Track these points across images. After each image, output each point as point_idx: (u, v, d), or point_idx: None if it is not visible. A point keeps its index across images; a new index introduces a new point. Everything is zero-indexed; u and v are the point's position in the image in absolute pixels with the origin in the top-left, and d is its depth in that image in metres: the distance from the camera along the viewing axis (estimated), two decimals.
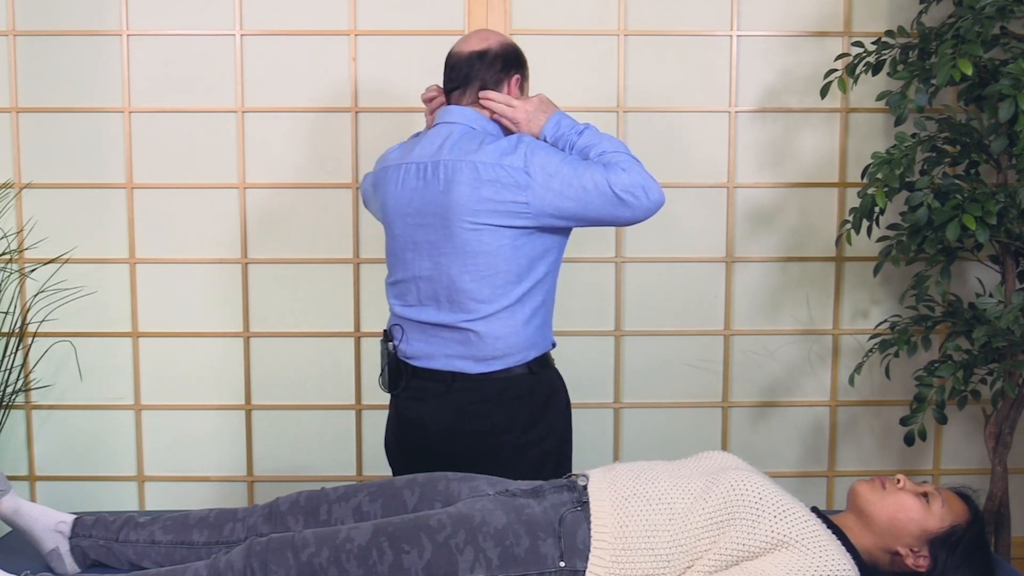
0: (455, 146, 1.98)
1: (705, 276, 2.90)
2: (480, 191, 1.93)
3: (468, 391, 2.02)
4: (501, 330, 1.99)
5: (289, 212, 2.85)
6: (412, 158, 2.05)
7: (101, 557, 1.87)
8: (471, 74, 2.04)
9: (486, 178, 1.93)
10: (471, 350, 2.00)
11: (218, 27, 2.79)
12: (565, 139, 2.00)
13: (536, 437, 2.05)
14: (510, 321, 1.99)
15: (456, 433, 2.04)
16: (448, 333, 2.02)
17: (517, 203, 1.92)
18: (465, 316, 1.99)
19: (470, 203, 1.94)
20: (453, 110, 2.05)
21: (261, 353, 2.90)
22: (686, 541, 1.64)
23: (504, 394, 2.01)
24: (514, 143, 1.96)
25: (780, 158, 2.87)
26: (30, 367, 2.87)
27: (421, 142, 2.06)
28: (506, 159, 1.93)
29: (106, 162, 2.83)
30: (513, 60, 2.06)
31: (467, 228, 1.95)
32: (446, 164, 1.97)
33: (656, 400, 2.94)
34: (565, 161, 1.94)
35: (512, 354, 2.00)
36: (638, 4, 2.81)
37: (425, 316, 2.04)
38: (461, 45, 2.07)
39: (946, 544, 1.72)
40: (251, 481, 2.95)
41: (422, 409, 2.07)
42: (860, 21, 2.82)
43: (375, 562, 1.63)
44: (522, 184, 1.92)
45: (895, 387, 2.91)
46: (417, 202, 2.02)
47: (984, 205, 2.27)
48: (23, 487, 2.92)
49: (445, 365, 2.03)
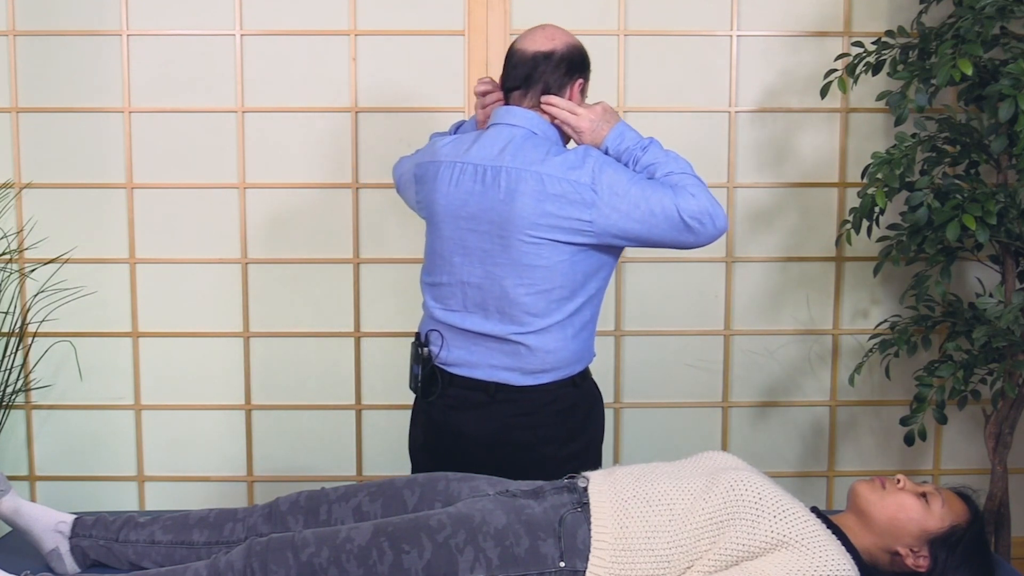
0: (518, 152, 1.90)
1: (705, 276, 2.90)
2: (544, 205, 1.86)
3: (512, 403, 1.97)
4: (552, 344, 1.94)
5: (289, 212, 2.85)
6: (469, 158, 1.95)
7: (101, 557, 1.87)
8: (534, 75, 1.95)
9: (552, 192, 1.85)
10: (519, 362, 1.95)
11: (218, 27, 2.79)
12: (630, 153, 1.92)
13: (577, 449, 2.02)
14: (560, 335, 1.95)
15: (498, 443, 1.99)
16: (495, 344, 1.96)
17: (581, 220, 1.86)
18: (517, 328, 1.93)
19: (532, 216, 1.86)
20: (515, 111, 1.96)
21: (261, 353, 2.90)
22: (686, 541, 1.64)
23: (549, 407, 1.98)
24: (581, 156, 1.88)
25: (780, 158, 2.87)
26: (30, 367, 2.87)
27: (479, 141, 1.97)
28: (573, 173, 1.85)
29: (106, 162, 2.83)
30: (579, 63, 1.97)
31: (527, 241, 1.88)
32: (508, 171, 1.89)
33: (656, 400, 2.94)
34: (633, 181, 1.86)
35: (560, 368, 1.97)
36: (638, 4, 2.81)
37: (470, 324, 1.97)
38: (526, 42, 1.97)
39: (946, 544, 1.72)
40: (251, 481, 2.95)
41: (460, 418, 2.01)
42: (860, 21, 2.82)
43: (375, 562, 1.63)
44: (588, 202, 1.85)
45: (895, 387, 2.91)
46: (473, 206, 1.93)
47: (984, 205, 2.27)
48: (23, 487, 2.92)
49: (489, 375, 1.97)
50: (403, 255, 2.85)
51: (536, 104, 1.96)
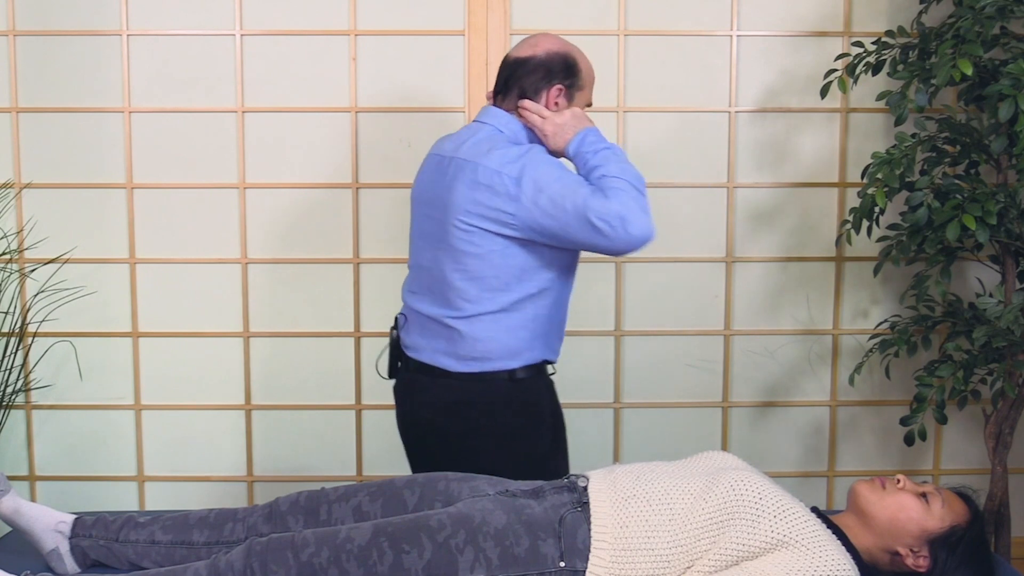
0: (474, 146, 1.98)
1: (705, 276, 2.90)
2: (475, 193, 1.93)
3: (449, 389, 2.03)
4: (482, 332, 1.99)
5: (289, 212, 2.85)
6: (438, 149, 2.10)
7: (101, 557, 1.87)
8: (511, 80, 2.04)
9: (483, 182, 1.93)
10: (454, 347, 2.01)
11: (218, 27, 2.79)
12: (582, 157, 1.96)
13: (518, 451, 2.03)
14: (493, 326, 1.99)
15: (434, 430, 2.06)
16: (437, 327, 2.03)
17: (505, 212, 1.91)
18: (451, 312, 2.00)
19: (465, 203, 1.94)
20: (491, 111, 2.07)
21: (261, 353, 2.90)
22: (686, 541, 1.64)
23: (480, 398, 2.01)
24: (520, 153, 1.94)
25: (780, 158, 2.87)
26: (30, 367, 2.87)
27: (454, 135, 2.10)
28: (506, 167, 1.92)
29: (106, 162, 2.83)
30: (559, 70, 2.02)
31: (460, 227, 1.96)
32: (457, 162, 1.99)
33: (656, 400, 2.94)
34: (560, 179, 1.89)
35: (491, 359, 2.00)
36: (638, 4, 2.81)
37: (421, 307, 2.07)
38: (512, 49, 2.08)
39: (946, 544, 1.72)
40: (251, 481, 2.95)
41: (409, 401, 2.11)
42: (860, 21, 2.82)
43: (375, 562, 1.63)
44: (512, 195, 1.90)
45: (895, 387, 2.91)
46: (428, 193, 2.06)
47: (984, 205, 2.27)
48: (23, 487, 2.92)
49: (431, 359, 2.04)
50: (403, 255, 2.83)
51: (514, 107, 2.05)
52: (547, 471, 2.01)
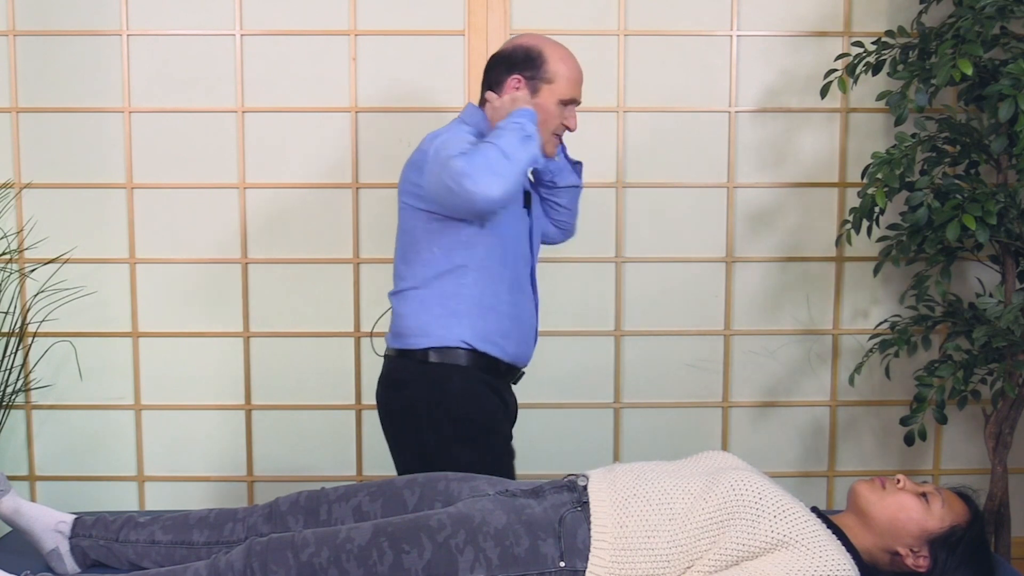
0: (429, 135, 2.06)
1: (705, 276, 2.90)
2: (407, 172, 2.05)
3: (385, 366, 2.12)
4: (404, 308, 2.06)
5: (289, 212, 2.85)
6: None
7: (101, 557, 1.87)
8: (484, 77, 2.12)
9: (412, 160, 2.04)
10: (392, 324, 2.10)
11: (218, 27, 2.79)
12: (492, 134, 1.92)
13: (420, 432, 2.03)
14: (413, 303, 2.04)
15: (382, 407, 2.12)
16: None
17: (418, 185, 1.99)
18: (392, 289, 2.11)
19: (402, 183, 2.06)
20: (468, 107, 2.15)
21: (261, 353, 2.90)
22: (686, 541, 1.64)
23: (401, 375, 2.07)
24: (444, 129, 2.03)
25: (780, 158, 2.87)
26: (30, 367, 2.87)
27: None
28: (426, 143, 2.01)
29: (106, 162, 2.83)
30: (519, 61, 2.05)
31: (400, 206, 2.07)
32: None
33: (656, 400, 2.94)
34: (445, 143, 1.90)
35: (411, 336, 2.04)
36: (638, 4, 2.81)
37: None
38: None
39: (946, 544, 1.72)
40: (251, 481, 2.95)
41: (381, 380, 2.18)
42: (860, 21, 2.82)
43: (375, 562, 1.63)
44: (421, 167, 1.98)
45: (895, 387, 2.91)
46: None
47: (984, 205, 2.27)
48: (23, 487, 2.92)
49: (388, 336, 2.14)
50: None
51: None
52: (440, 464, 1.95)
